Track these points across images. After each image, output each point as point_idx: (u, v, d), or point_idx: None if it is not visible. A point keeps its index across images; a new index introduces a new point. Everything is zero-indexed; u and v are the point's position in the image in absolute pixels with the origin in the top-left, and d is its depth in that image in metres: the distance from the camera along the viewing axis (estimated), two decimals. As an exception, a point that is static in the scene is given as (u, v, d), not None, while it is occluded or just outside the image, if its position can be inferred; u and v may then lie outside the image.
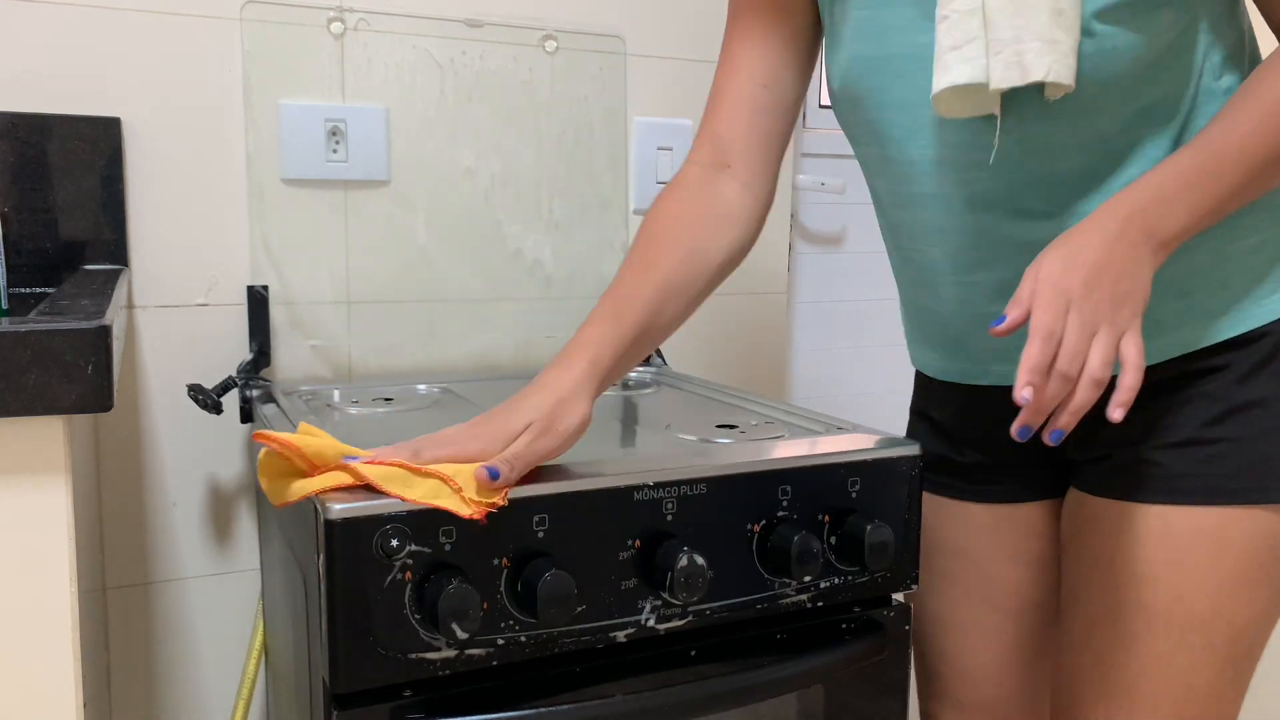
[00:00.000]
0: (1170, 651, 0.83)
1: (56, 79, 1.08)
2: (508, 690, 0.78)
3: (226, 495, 1.19)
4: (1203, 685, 0.83)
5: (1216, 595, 0.81)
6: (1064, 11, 0.74)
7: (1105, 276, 0.71)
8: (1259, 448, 0.81)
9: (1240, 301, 0.82)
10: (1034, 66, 0.74)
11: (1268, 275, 0.82)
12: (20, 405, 0.61)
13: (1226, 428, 0.82)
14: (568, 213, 1.34)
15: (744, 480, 0.84)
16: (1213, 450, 0.82)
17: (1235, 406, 0.82)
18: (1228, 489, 0.81)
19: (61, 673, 0.66)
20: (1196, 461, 0.82)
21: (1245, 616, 0.82)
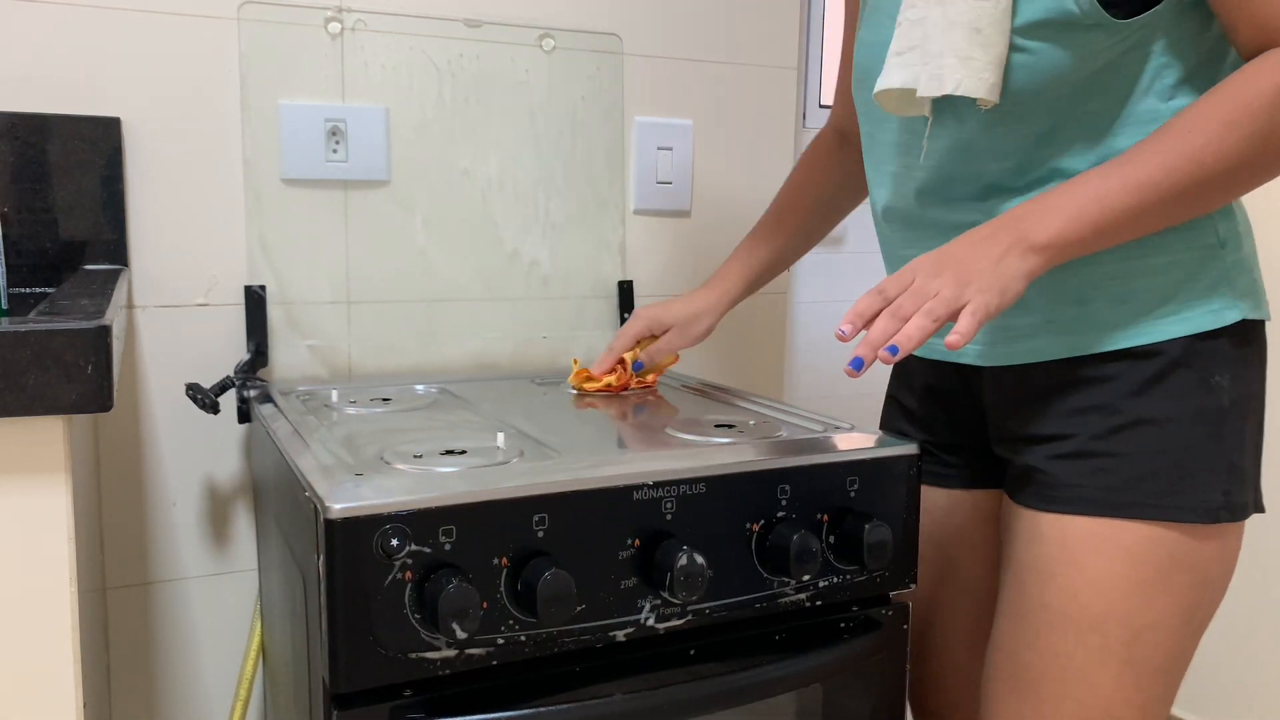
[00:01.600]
0: (1069, 650, 0.85)
1: (56, 79, 1.08)
2: (508, 690, 0.78)
3: (225, 495, 1.19)
4: (1103, 686, 0.84)
5: (1109, 594, 0.83)
6: (981, 30, 0.79)
7: (958, 262, 0.79)
8: (1145, 464, 0.83)
9: (1138, 317, 0.83)
10: (947, 80, 0.81)
11: (1172, 297, 0.83)
12: (20, 405, 0.61)
13: (1114, 442, 0.84)
14: (566, 213, 1.34)
15: (743, 480, 0.84)
16: (1101, 463, 0.84)
17: (1125, 422, 0.83)
18: (1115, 502, 0.83)
19: (61, 673, 0.66)
20: (1085, 473, 0.85)
21: (1143, 619, 0.83)
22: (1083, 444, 0.85)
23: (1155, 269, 0.83)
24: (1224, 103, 0.76)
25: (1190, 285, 0.83)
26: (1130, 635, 0.83)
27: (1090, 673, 0.84)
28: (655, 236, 1.41)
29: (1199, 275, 0.83)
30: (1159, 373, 0.83)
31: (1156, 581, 0.83)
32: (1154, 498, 0.83)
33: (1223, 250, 0.83)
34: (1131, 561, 0.83)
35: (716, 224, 1.45)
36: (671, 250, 1.42)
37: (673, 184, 1.40)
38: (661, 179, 1.39)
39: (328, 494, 0.73)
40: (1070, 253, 0.79)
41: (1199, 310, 0.83)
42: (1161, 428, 0.83)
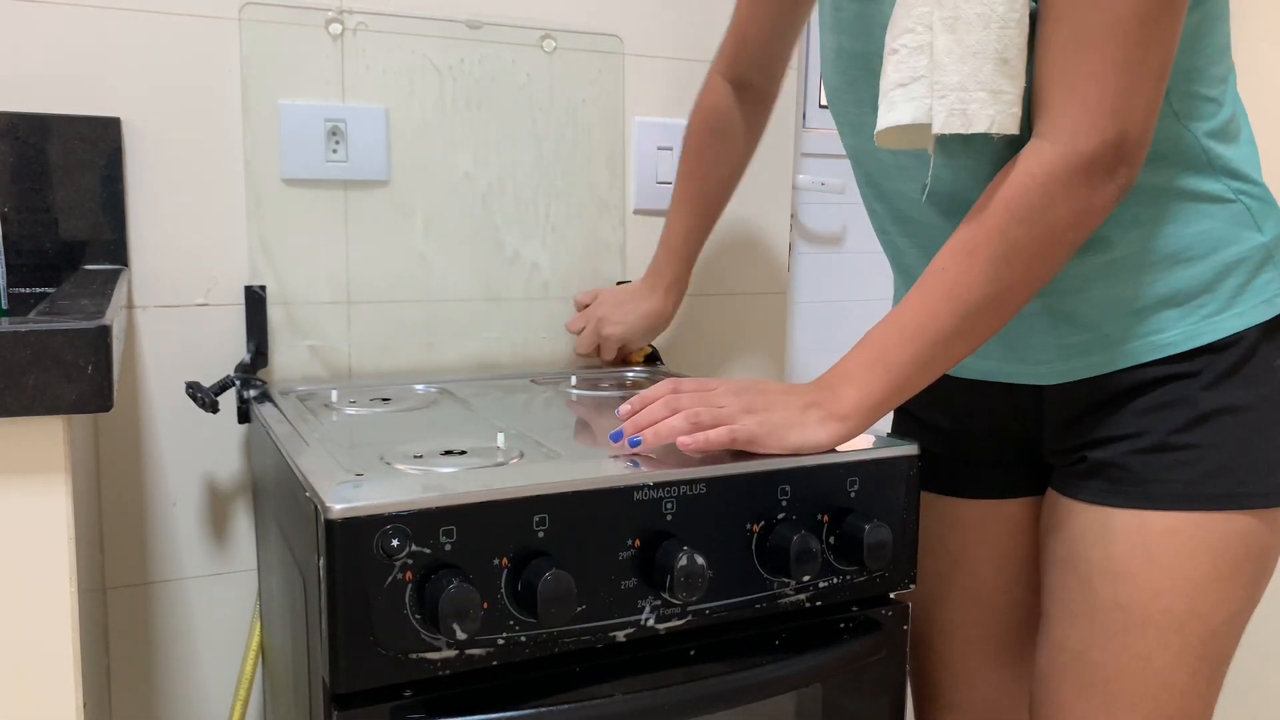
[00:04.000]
0: (1149, 650, 0.83)
1: (56, 79, 1.08)
2: (508, 690, 0.78)
3: (225, 495, 1.19)
4: (1180, 684, 0.83)
5: (1193, 593, 0.82)
6: (1009, 61, 0.74)
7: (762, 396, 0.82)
8: (1226, 454, 0.82)
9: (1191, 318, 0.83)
10: (978, 118, 0.75)
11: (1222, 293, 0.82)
12: (20, 405, 0.61)
13: (1195, 434, 0.82)
14: (566, 215, 1.34)
15: (743, 480, 0.84)
16: (1181, 456, 0.82)
17: (1204, 413, 0.82)
18: (1197, 494, 0.82)
19: (61, 673, 0.66)
20: (1165, 467, 0.83)
21: (1220, 615, 0.82)
22: (1161, 438, 0.83)
23: (1202, 269, 0.82)
24: (966, 230, 0.77)
25: (1240, 279, 0.82)
26: (1208, 632, 0.82)
27: (1169, 674, 0.83)
28: (655, 236, 1.41)
29: (1245, 267, 0.82)
30: (1236, 363, 0.82)
31: (1233, 575, 0.82)
32: (1239, 486, 0.81)
33: (1263, 237, 0.82)
34: (1214, 558, 0.81)
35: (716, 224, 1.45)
36: (671, 250, 1.42)
37: (672, 184, 1.40)
38: (661, 179, 1.39)
39: (328, 494, 0.73)
40: (880, 412, 0.82)
41: (1252, 302, 0.82)
42: (1238, 416, 0.82)
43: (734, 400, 0.83)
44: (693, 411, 0.82)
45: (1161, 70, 0.73)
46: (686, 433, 0.81)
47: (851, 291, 1.64)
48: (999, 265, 0.76)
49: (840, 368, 0.83)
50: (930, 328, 0.79)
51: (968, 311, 0.78)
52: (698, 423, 0.81)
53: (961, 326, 0.78)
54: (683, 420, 0.81)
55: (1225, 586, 0.82)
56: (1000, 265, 0.76)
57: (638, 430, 0.83)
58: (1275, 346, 0.83)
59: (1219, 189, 0.82)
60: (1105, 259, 0.83)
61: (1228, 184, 0.82)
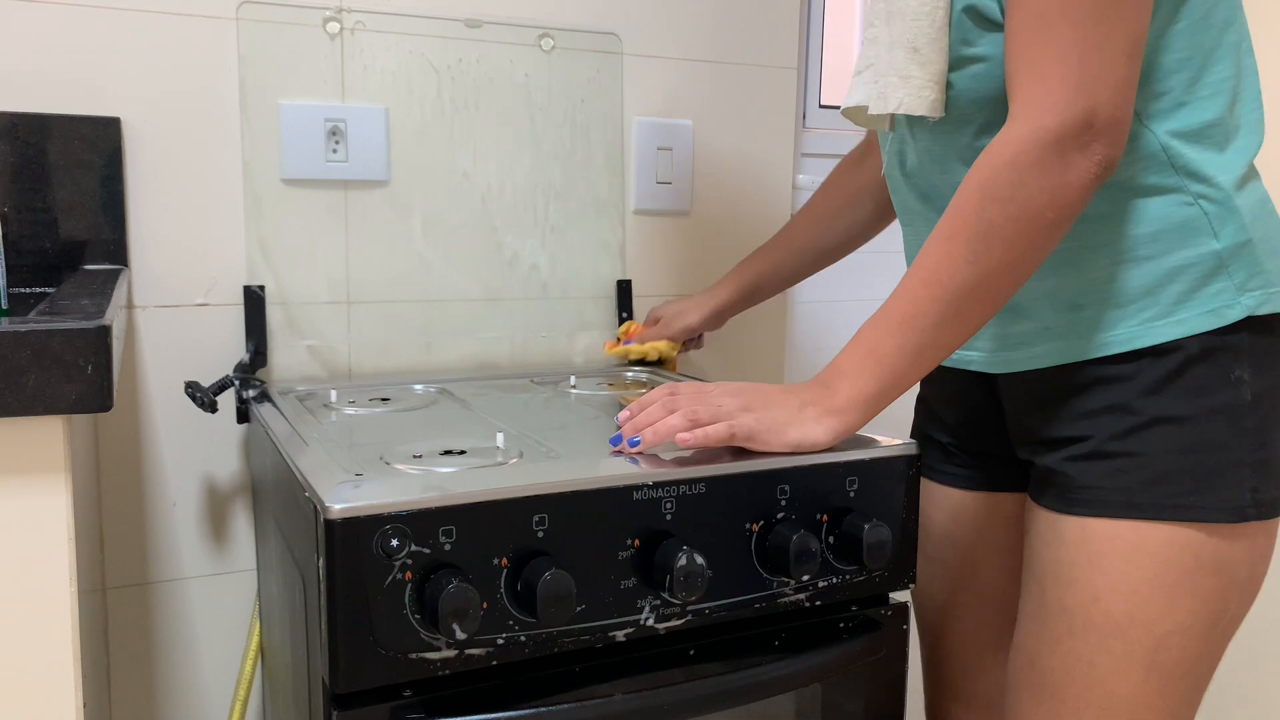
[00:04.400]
0: (1090, 654, 0.83)
1: (56, 79, 1.08)
2: (508, 690, 0.78)
3: (224, 495, 1.19)
4: (1124, 692, 0.82)
5: (1132, 599, 0.81)
6: (919, 49, 0.82)
7: (759, 395, 0.84)
8: (1163, 464, 0.81)
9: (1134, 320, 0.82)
10: (889, 99, 0.85)
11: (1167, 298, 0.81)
12: (20, 405, 0.61)
13: (1132, 441, 0.82)
14: (565, 216, 1.34)
15: (743, 480, 0.84)
16: (1119, 464, 0.82)
17: (1143, 421, 0.81)
18: (1135, 503, 0.81)
19: (61, 673, 0.66)
20: (1104, 474, 0.83)
21: (1166, 624, 0.81)
22: (1100, 444, 0.83)
23: (1148, 271, 0.81)
24: (945, 216, 0.79)
25: (1186, 285, 0.81)
26: (1154, 641, 0.81)
27: (1112, 679, 0.82)
28: (655, 236, 1.41)
29: (1193, 274, 0.81)
30: (1176, 370, 0.81)
31: (1182, 585, 0.81)
32: (1176, 497, 0.80)
33: (1218, 244, 0.81)
34: (1155, 565, 0.81)
35: (716, 224, 1.45)
36: (671, 250, 1.42)
37: (673, 184, 1.40)
38: (661, 179, 1.39)
39: (327, 494, 0.73)
40: (876, 404, 0.83)
41: (1196, 310, 0.81)
42: (1180, 425, 0.81)
43: (732, 400, 0.84)
44: (690, 410, 0.83)
45: (1130, 48, 0.74)
46: (685, 430, 0.82)
47: (851, 291, 1.64)
48: (977, 248, 0.77)
49: (834, 365, 0.84)
50: (917, 317, 0.79)
51: (951, 297, 0.78)
52: (696, 420, 0.82)
53: (947, 313, 0.79)
54: (681, 418, 0.82)
55: (1170, 595, 0.81)
56: (979, 247, 0.77)
57: (637, 431, 0.84)
58: (1233, 355, 0.81)
59: (1175, 190, 0.81)
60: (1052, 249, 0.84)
61: (1187, 185, 0.81)
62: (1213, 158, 0.81)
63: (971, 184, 0.77)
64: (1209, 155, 0.81)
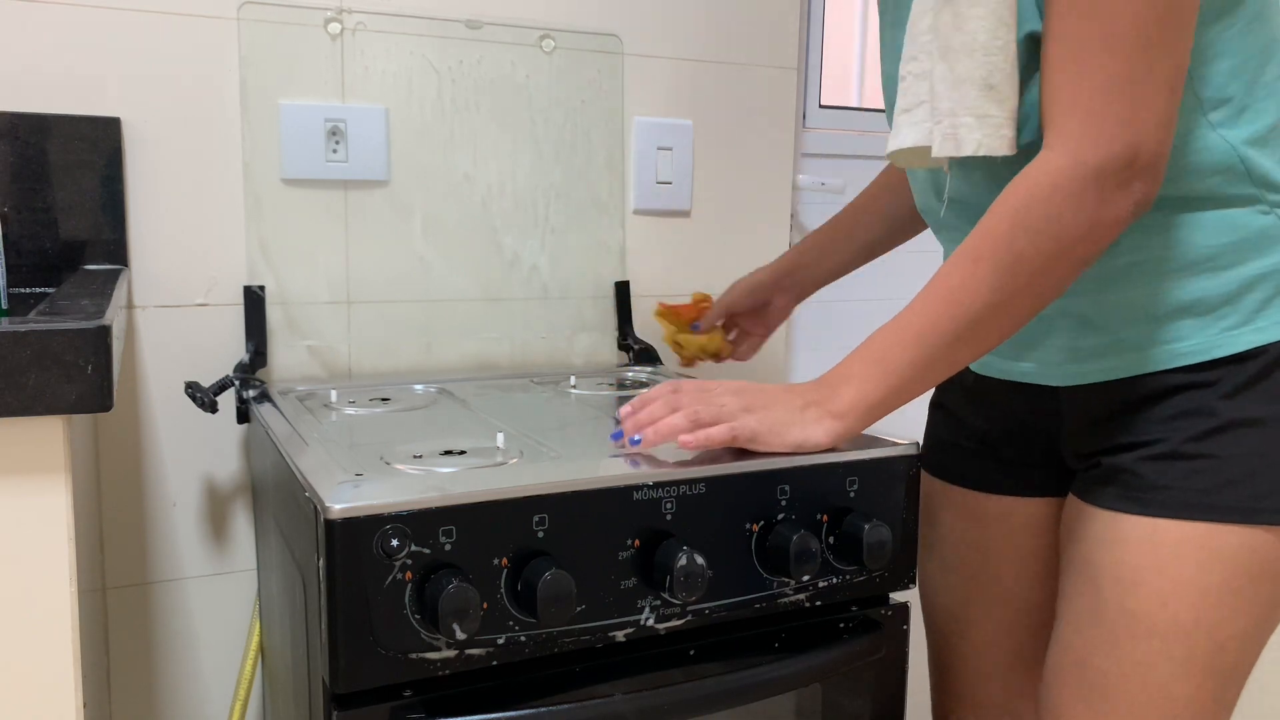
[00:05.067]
0: (1152, 658, 0.82)
1: (56, 79, 1.08)
2: (508, 690, 0.78)
3: (224, 495, 1.19)
4: (1182, 696, 0.81)
5: (1202, 604, 0.80)
6: (995, 86, 0.77)
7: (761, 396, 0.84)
8: (1243, 466, 0.80)
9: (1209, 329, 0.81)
10: (966, 141, 0.78)
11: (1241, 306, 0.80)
12: (20, 405, 0.61)
13: (1210, 443, 0.80)
14: (565, 217, 1.34)
15: (743, 480, 0.84)
16: (1196, 465, 0.81)
17: (1221, 424, 0.80)
18: (1210, 505, 0.80)
19: (61, 673, 0.66)
20: (1179, 475, 0.81)
21: (1229, 630, 0.80)
22: (1176, 446, 0.81)
23: (1226, 280, 0.80)
24: (973, 237, 0.78)
25: (1265, 293, 0.80)
26: (1215, 646, 0.80)
27: (1171, 684, 0.81)
28: (655, 236, 1.41)
29: (1274, 281, 0.80)
30: (1257, 374, 0.80)
31: (1247, 590, 0.80)
32: (1253, 500, 0.79)
33: None
34: (1225, 569, 0.79)
35: (716, 224, 1.45)
36: (671, 250, 1.42)
37: (673, 184, 1.40)
38: (661, 179, 1.39)
39: (327, 494, 0.73)
40: (878, 412, 0.83)
41: (1274, 319, 0.80)
42: (1259, 429, 0.79)
43: (734, 399, 0.84)
44: (692, 410, 0.83)
45: (1172, 81, 0.73)
46: (687, 430, 0.82)
47: (851, 292, 1.64)
48: (1003, 274, 0.77)
49: (841, 368, 0.84)
50: (931, 333, 0.79)
51: (970, 318, 0.78)
52: (698, 420, 0.82)
53: (963, 333, 0.79)
54: (683, 418, 0.82)
55: (1237, 600, 0.80)
56: (1004, 274, 0.77)
57: (639, 429, 0.83)
58: None
59: (1252, 199, 0.80)
60: (1125, 262, 0.82)
61: (1263, 195, 0.80)
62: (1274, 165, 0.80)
63: (1004, 210, 0.76)
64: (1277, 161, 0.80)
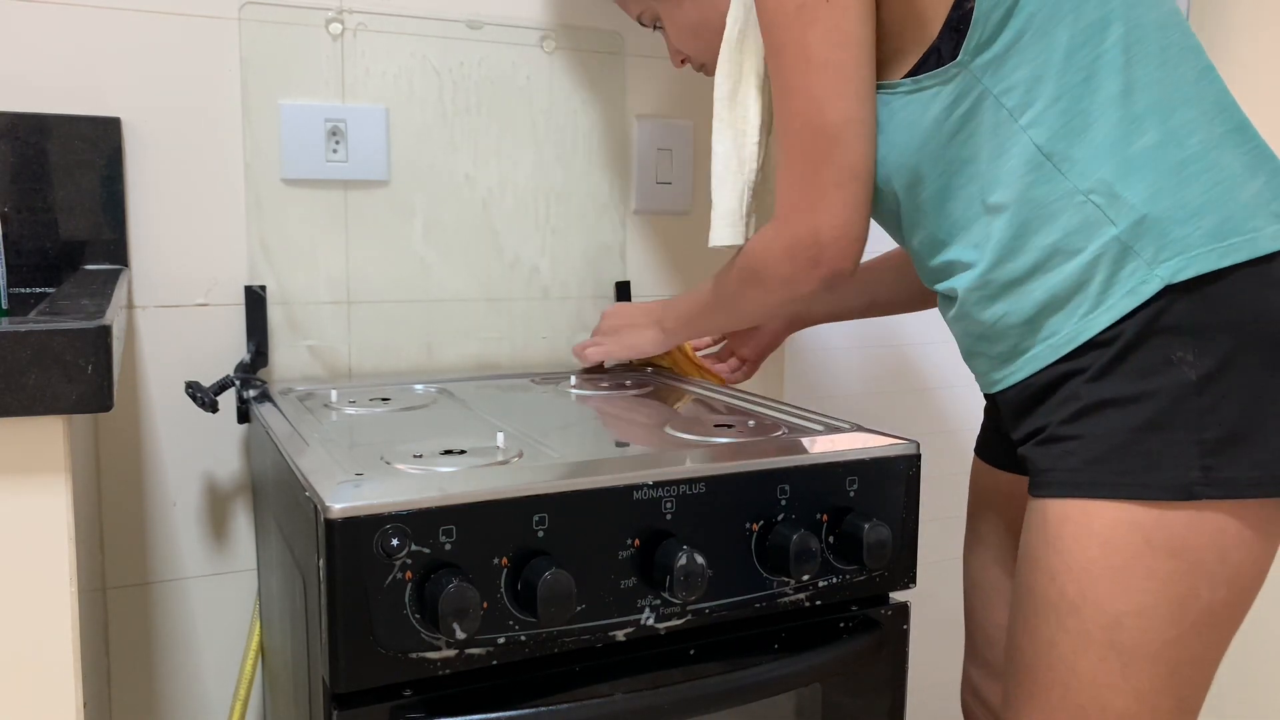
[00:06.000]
0: (1051, 635, 0.85)
1: (56, 79, 1.08)
2: (508, 690, 0.78)
3: (225, 495, 1.19)
4: (1086, 672, 0.84)
5: (1082, 578, 0.83)
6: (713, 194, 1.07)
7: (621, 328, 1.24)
8: (1105, 444, 0.83)
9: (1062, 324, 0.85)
10: None
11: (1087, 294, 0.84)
12: (20, 405, 0.61)
13: (1078, 425, 0.84)
14: (566, 218, 1.34)
15: (743, 479, 0.84)
16: (1066, 446, 0.85)
17: (1087, 405, 0.84)
18: (1079, 482, 0.84)
19: (61, 673, 0.66)
20: (1054, 456, 0.86)
21: (1120, 605, 0.82)
22: (1053, 430, 0.86)
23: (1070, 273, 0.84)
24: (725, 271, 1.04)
25: (1104, 274, 0.83)
26: (1110, 620, 0.83)
27: (1072, 659, 0.84)
28: (655, 236, 1.41)
29: (1106, 262, 0.83)
30: (1117, 355, 0.83)
31: (1132, 565, 0.82)
32: (1118, 475, 0.82)
33: (1116, 229, 0.82)
34: (1103, 544, 0.83)
35: (716, 224, 1.45)
36: (671, 250, 1.42)
37: (672, 184, 1.40)
38: (661, 179, 1.39)
39: (328, 494, 0.73)
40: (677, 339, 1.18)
41: (1118, 294, 0.83)
42: (1123, 407, 0.82)
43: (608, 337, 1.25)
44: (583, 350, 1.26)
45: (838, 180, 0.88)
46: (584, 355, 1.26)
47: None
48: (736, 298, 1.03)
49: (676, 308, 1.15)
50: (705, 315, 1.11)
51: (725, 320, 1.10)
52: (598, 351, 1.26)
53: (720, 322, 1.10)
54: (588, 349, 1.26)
55: (1121, 575, 0.82)
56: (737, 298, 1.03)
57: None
58: (1171, 339, 0.81)
59: (1067, 192, 0.83)
60: (979, 281, 0.88)
61: (1074, 185, 0.83)
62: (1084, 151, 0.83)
63: (739, 261, 1.00)
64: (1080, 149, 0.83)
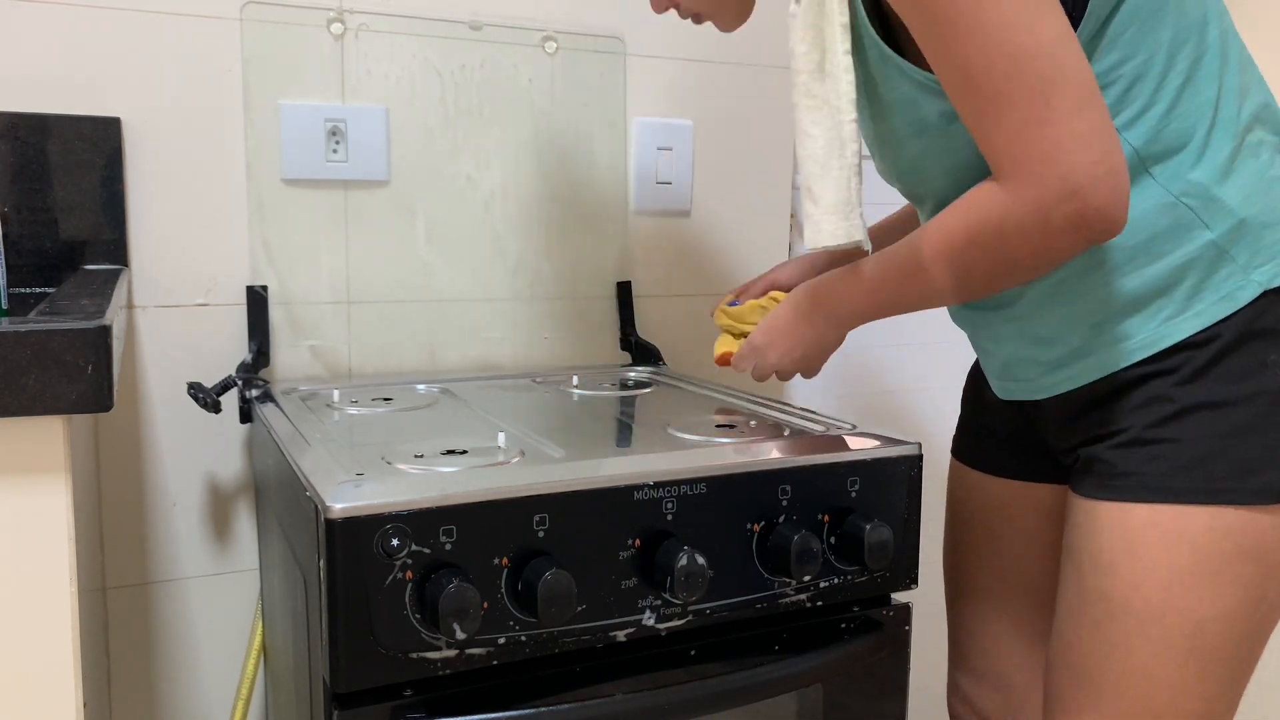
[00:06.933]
0: (1128, 640, 0.84)
1: (56, 79, 1.08)
2: (508, 690, 0.78)
3: (226, 495, 1.19)
4: (1164, 677, 0.83)
5: (1170, 586, 0.82)
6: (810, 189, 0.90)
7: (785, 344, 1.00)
8: (1203, 448, 0.82)
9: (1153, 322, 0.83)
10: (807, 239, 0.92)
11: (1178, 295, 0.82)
12: (20, 405, 0.61)
13: (1171, 428, 0.83)
14: (568, 219, 1.34)
15: (744, 480, 0.84)
16: (1157, 450, 0.83)
17: (1180, 409, 0.83)
18: (1172, 488, 0.82)
19: (61, 673, 0.66)
20: (1142, 460, 0.84)
21: (1206, 610, 0.82)
22: (1139, 432, 0.84)
23: (1154, 275, 0.82)
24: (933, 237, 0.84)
25: (1194, 279, 0.82)
26: (1193, 627, 0.82)
27: (1151, 665, 0.83)
28: (655, 236, 1.41)
29: (1198, 266, 0.82)
30: (1211, 359, 0.82)
31: (1222, 571, 0.81)
32: (1213, 481, 0.81)
33: (1211, 234, 0.81)
34: (1195, 551, 0.81)
35: (716, 224, 1.45)
36: (671, 250, 1.42)
37: (673, 184, 1.40)
38: (661, 179, 1.39)
39: (328, 494, 0.73)
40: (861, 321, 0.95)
41: (1209, 300, 0.82)
42: (1217, 411, 0.81)
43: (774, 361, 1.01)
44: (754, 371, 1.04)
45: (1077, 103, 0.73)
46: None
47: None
48: (959, 275, 0.84)
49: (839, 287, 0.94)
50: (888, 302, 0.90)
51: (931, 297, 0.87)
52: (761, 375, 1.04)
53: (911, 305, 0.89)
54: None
55: (1211, 581, 0.82)
56: (960, 276, 0.84)
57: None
58: (1266, 343, 0.82)
59: (1157, 195, 0.82)
60: (1052, 280, 0.86)
61: (1165, 188, 0.82)
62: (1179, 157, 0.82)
63: (961, 224, 0.81)
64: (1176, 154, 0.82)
